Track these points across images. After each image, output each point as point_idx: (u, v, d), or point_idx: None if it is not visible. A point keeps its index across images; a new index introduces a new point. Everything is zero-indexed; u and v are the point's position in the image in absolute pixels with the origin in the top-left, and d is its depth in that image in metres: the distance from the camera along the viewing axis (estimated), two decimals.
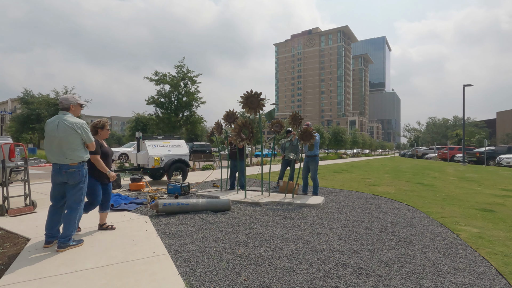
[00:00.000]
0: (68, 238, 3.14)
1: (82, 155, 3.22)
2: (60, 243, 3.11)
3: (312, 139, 5.67)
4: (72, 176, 3.16)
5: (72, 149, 3.13)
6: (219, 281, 2.43)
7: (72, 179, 3.16)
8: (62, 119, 3.14)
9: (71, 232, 3.16)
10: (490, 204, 5.98)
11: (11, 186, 7.04)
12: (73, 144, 3.13)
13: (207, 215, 4.62)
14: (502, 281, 2.51)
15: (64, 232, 3.13)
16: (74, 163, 3.15)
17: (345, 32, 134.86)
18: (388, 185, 8.92)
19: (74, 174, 3.16)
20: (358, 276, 2.55)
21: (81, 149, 3.22)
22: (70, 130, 3.11)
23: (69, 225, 3.14)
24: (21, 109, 23.20)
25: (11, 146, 5.25)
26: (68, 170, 3.14)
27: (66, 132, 3.09)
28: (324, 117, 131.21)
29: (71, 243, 3.16)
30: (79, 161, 3.19)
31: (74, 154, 3.14)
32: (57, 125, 3.12)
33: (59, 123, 3.13)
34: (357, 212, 5.04)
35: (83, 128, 3.20)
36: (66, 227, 3.14)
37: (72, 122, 3.15)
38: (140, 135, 8.59)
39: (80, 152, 3.19)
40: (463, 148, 22.73)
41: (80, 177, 3.20)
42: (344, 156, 35.75)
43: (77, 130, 3.14)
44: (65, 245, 3.11)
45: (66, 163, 3.13)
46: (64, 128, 3.10)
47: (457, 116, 60.50)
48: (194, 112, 20.14)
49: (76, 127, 3.14)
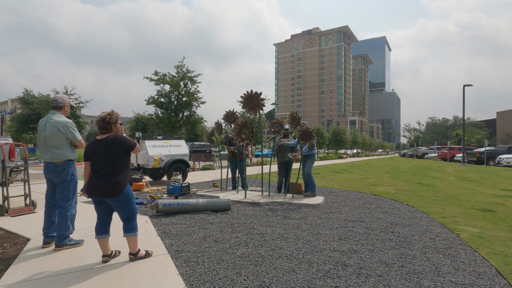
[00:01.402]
0: (64, 237, 3.15)
1: (67, 153, 3.26)
2: (56, 241, 3.14)
3: (312, 139, 5.67)
4: (57, 174, 3.21)
5: (56, 148, 3.20)
6: (219, 281, 2.43)
7: (57, 177, 3.22)
8: (49, 119, 3.24)
9: (65, 231, 3.15)
10: (490, 204, 5.98)
11: (11, 186, 7.05)
12: (57, 142, 3.20)
13: (207, 215, 4.62)
14: (502, 281, 2.50)
15: (58, 231, 3.15)
16: (59, 161, 3.21)
17: (345, 32, 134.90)
18: (388, 185, 8.92)
19: (58, 172, 3.21)
20: (358, 276, 2.55)
21: (66, 148, 3.26)
22: (54, 129, 3.19)
23: (61, 223, 3.15)
24: (21, 109, 23.17)
25: (11, 146, 5.25)
26: (54, 168, 3.20)
27: (50, 131, 3.19)
28: (324, 117, 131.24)
29: (67, 242, 3.17)
30: (64, 160, 3.24)
31: (59, 153, 3.21)
32: (45, 125, 3.24)
33: (47, 122, 3.24)
34: (357, 212, 5.04)
35: (67, 127, 3.24)
36: (58, 226, 3.16)
37: (56, 121, 3.22)
38: (140, 135, 8.59)
39: (65, 151, 3.24)
40: (463, 148, 22.73)
41: (65, 175, 3.23)
42: (344, 156, 35.75)
43: (61, 129, 3.20)
44: (61, 244, 3.13)
45: (52, 161, 3.20)
46: (49, 127, 3.20)
47: (457, 116, 60.52)
48: (194, 112, 20.15)
49: (60, 126, 3.20)
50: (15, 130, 24.16)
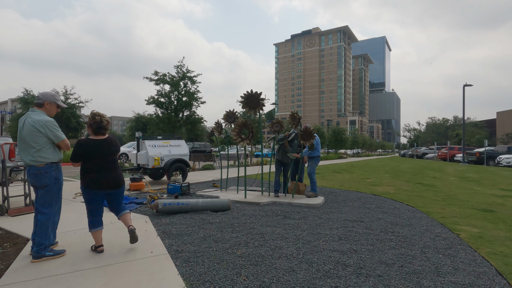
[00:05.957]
0: (43, 248, 2.86)
1: (48, 156, 2.93)
2: (34, 252, 2.83)
3: (312, 139, 5.67)
4: (37, 178, 2.90)
5: (36, 150, 2.88)
6: (219, 281, 2.43)
7: (38, 181, 2.90)
8: (28, 117, 2.92)
9: (44, 241, 2.87)
10: (490, 204, 5.98)
11: (11, 186, 7.05)
12: (36, 143, 2.87)
13: (207, 215, 4.62)
14: (502, 281, 2.50)
15: (37, 240, 2.85)
16: (41, 165, 2.89)
17: (345, 32, 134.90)
18: (388, 185, 8.92)
19: (39, 176, 2.90)
20: (358, 276, 2.55)
21: (47, 149, 2.93)
22: (32, 128, 2.86)
23: (41, 232, 2.87)
24: (21, 109, 23.16)
25: (11, 146, 5.25)
26: (35, 172, 2.89)
27: (28, 131, 2.86)
28: (324, 117, 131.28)
29: (46, 253, 2.87)
30: (46, 162, 2.92)
31: (38, 155, 2.88)
32: (23, 124, 2.91)
33: (25, 121, 2.91)
34: (357, 212, 5.04)
35: (47, 127, 2.90)
36: (38, 234, 2.87)
37: (35, 120, 2.88)
38: (140, 135, 8.59)
39: (45, 153, 2.91)
40: (463, 148, 22.74)
41: (47, 179, 2.92)
42: (344, 156, 35.76)
43: (39, 129, 2.87)
44: (39, 256, 2.82)
45: (33, 165, 2.89)
46: (27, 126, 2.88)
47: (457, 116, 60.51)
48: (194, 112, 20.14)
49: (39, 125, 2.87)
50: (15, 130, 24.16)
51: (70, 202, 5.74)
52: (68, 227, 3.99)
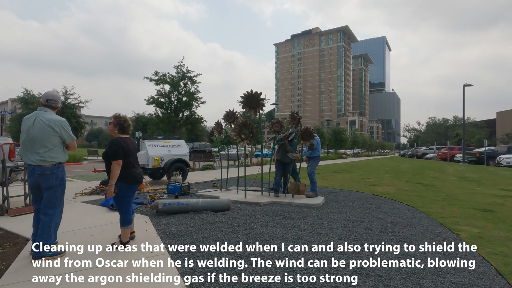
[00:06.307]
0: (43, 248, 2.84)
1: (57, 156, 2.93)
2: (34, 252, 2.82)
3: (312, 139, 5.67)
4: (44, 179, 2.86)
5: (47, 149, 2.85)
6: (219, 281, 2.43)
7: (45, 182, 2.87)
8: (39, 116, 2.88)
9: (46, 241, 2.85)
10: (490, 204, 5.98)
11: (11, 186, 7.04)
12: (48, 143, 2.86)
13: (207, 215, 4.62)
14: (502, 281, 2.50)
15: (38, 240, 2.83)
16: (48, 165, 2.86)
17: (345, 32, 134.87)
18: (388, 185, 8.92)
19: (46, 177, 2.86)
20: (358, 276, 2.55)
21: (57, 149, 2.93)
22: (46, 128, 2.84)
23: (43, 232, 2.85)
24: (21, 109, 23.15)
25: (11, 146, 5.25)
26: (42, 172, 2.85)
27: (42, 130, 2.83)
28: (324, 117, 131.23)
29: (46, 253, 2.84)
30: (54, 163, 2.90)
31: (48, 155, 2.86)
32: (33, 122, 2.86)
33: (36, 119, 2.87)
34: (357, 212, 5.04)
35: (62, 126, 2.93)
36: (40, 235, 2.85)
37: (49, 119, 2.88)
38: (140, 135, 8.60)
39: (55, 153, 2.91)
40: (463, 148, 22.74)
41: (53, 180, 2.89)
42: (344, 156, 35.75)
43: (55, 128, 2.88)
44: (38, 256, 2.80)
45: (39, 165, 2.84)
46: (40, 125, 2.84)
47: (457, 116, 60.49)
48: (194, 112, 20.14)
49: (54, 124, 2.88)
50: (15, 130, 24.16)
51: (70, 202, 5.74)
52: (68, 227, 3.98)
